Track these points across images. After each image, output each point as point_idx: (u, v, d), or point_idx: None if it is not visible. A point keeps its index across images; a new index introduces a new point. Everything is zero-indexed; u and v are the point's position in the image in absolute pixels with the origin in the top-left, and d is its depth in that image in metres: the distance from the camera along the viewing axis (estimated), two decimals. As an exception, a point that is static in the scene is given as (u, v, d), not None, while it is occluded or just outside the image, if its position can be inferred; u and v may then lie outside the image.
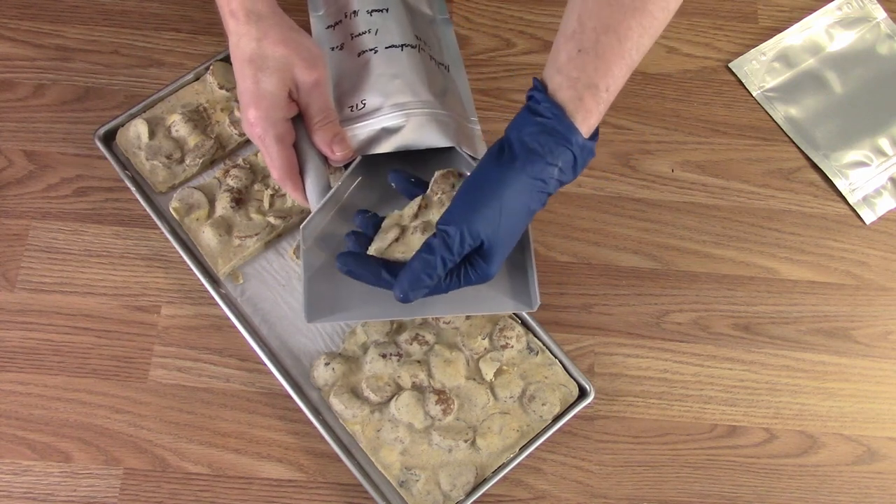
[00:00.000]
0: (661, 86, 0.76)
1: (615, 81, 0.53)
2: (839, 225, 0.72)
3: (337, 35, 0.69)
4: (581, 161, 0.54)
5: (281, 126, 0.59)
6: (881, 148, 0.75)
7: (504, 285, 0.61)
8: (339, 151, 0.60)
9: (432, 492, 0.60)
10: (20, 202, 0.69)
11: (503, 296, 0.60)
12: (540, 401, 0.62)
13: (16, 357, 0.65)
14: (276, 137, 0.59)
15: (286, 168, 0.60)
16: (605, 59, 0.52)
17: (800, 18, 0.79)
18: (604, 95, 0.53)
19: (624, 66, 0.53)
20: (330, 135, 0.60)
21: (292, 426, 0.64)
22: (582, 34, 0.53)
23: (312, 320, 0.59)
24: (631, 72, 0.54)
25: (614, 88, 0.53)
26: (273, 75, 0.58)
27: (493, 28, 0.77)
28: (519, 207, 0.53)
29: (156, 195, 0.68)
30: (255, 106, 0.58)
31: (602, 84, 0.53)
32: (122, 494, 0.62)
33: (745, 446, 0.65)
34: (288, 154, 0.60)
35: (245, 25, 0.58)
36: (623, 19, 0.52)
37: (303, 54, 0.59)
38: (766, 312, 0.69)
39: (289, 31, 0.60)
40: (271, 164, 0.60)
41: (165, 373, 0.65)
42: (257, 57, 0.58)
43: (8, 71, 0.73)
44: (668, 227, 0.72)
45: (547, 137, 0.52)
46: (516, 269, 0.61)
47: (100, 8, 0.76)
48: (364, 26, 0.68)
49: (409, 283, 0.54)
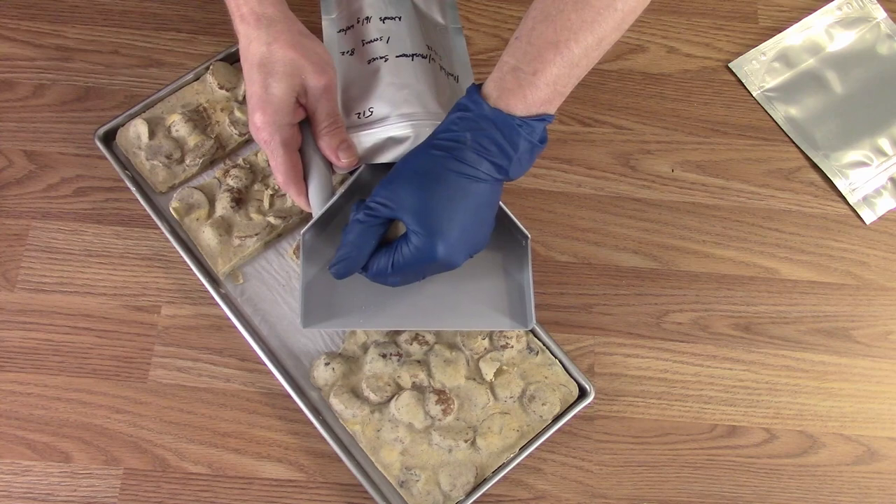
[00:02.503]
0: (661, 86, 0.76)
1: (545, 66, 0.53)
2: (839, 225, 0.72)
3: (348, 40, 0.69)
4: (506, 137, 0.53)
5: (287, 131, 0.59)
6: (881, 148, 0.75)
7: (501, 303, 0.62)
8: (345, 158, 0.60)
9: (432, 492, 0.60)
10: (20, 202, 0.69)
11: (499, 313, 0.62)
12: (540, 401, 0.63)
13: (16, 357, 0.65)
14: (281, 142, 0.59)
15: (291, 173, 0.60)
16: (535, 44, 0.53)
17: (800, 18, 0.79)
18: (529, 78, 0.53)
19: (557, 53, 0.53)
20: (336, 141, 0.60)
21: (292, 426, 0.64)
22: (522, 25, 0.54)
23: (308, 326, 0.60)
24: (574, 64, 0.54)
25: (545, 72, 0.53)
26: (282, 80, 0.58)
27: (493, 28, 0.77)
28: (450, 182, 0.53)
29: (156, 195, 0.68)
30: (262, 111, 0.58)
31: (528, 68, 0.53)
32: (122, 494, 0.62)
33: (745, 446, 0.65)
34: (293, 159, 0.60)
35: (255, 30, 0.58)
36: (563, 10, 0.53)
37: (312, 59, 0.59)
38: (766, 312, 0.69)
39: (299, 35, 0.59)
40: (276, 169, 0.60)
41: (165, 373, 0.65)
42: (267, 61, 0.58)
43: (8, 71, 0.73)
44: (668, 227, 0.72)
45: (460, 117, 0.54)
46: (514, 288, 0.62)
47: (100, 8, 0.76)
48: (376, 34, 0.67)
49: (338, 255, 0.57)
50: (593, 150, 0.74)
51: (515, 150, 0.54)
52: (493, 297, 0.62)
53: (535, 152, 0.55)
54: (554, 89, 0.54)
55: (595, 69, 0.60)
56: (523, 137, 0.54)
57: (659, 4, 0.79)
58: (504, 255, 0.63)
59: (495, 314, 0.62)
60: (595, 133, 0.74)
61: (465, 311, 0.62)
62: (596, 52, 0.54)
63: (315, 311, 0.60)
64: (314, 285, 0.61)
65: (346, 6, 0.70)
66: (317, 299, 0.61)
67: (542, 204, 0.71)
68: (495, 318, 0.62)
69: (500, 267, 0.63)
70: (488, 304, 0.62)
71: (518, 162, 0.54)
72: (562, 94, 0.55)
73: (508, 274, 0.63)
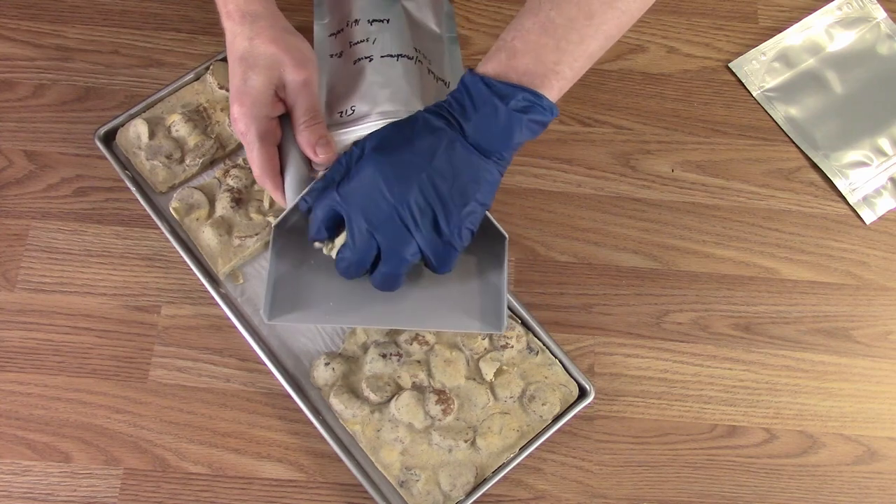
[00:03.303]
0: (661, 86, 0.76)
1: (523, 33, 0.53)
2: (839, 225, 0.72)
3: (337, 43, 0.69)
4: (470, 94, 0.53)
5: (264, 124, 0.59)
6: (881, 148, 0.75)
7: (474, 304, 0.60)
8: (323, 154, 0.60)
9: (432, 492, 0.60)
10: (20, 202, 0.69)
11: (471, 314, 0.60)
12: (540, 401, 0.63)
13: (16, 357, 0.65)
14: (258, 134, 0.59)
15: (266, 166, 0.60)
16: (518, 17, 0.53)
17: (800, 18, 0.79)
18: (508, 43, 0.53)
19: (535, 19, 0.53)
20: (315, 137, 0.60)
21: (292, 426, 0.64)
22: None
23: (273, 319, 0.58)
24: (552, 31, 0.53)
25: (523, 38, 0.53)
26: (261, 73, 0.58)
27: (493, 28, 0.77)
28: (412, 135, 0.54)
29: (156, 195, 0.68)
30: (240, 102, 0.58)
31: (507, 35, 0.54)
32: (122, 494, 0.62)
33: (745, 446, 0.65)
34: (269, 152, 0.60)
35: (240, 25, 0.59)
36: None
37: (293, 54, 0.59)
38: (766, 312, 0.69)
39: (281, 31, 0.60)
40: (252, 162, 0.60)
41: (165, 373, 0.65)
42: (248, 55, 0.59)
43: (8, 71, 0.73)
44: (668, 227, 0.72)
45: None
46: (489, 290, 0.60)
47: (100, 8, 0.76)
48: (363, 35, 0.68)
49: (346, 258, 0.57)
50: (593, 150, 0.74)
51: (476, 108, 0.53)
52: (466, 298, 0.60)
53: (508, 120, 0.53)
54: (536, 57, 0.52)
55: (595, 69, 0.60)
56: (486, 97, 0.52)
57: (659, 4, 0.79)
58: (481, 257, 0.62)
59: (467, 315, 0.60)
60: (595, 133, 0.74)
61: (437, 310, 0.60)
62: (588, 29, 0.53)
63: (281, 305, 0.59)
64: (283, 280, 0.60)
65: (337, 11, 0.71)
66: (284, 293, 0.60)
67: (542, 204, 0.71)
68: (467, 319, 0.60)
69: (476, 268, 0.61)
70: (461, 304, 0.60)
71: (479, 123, 0.53)
72: (554, 72, 0.53)
73: (484, 275, 0.61)
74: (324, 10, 0.72)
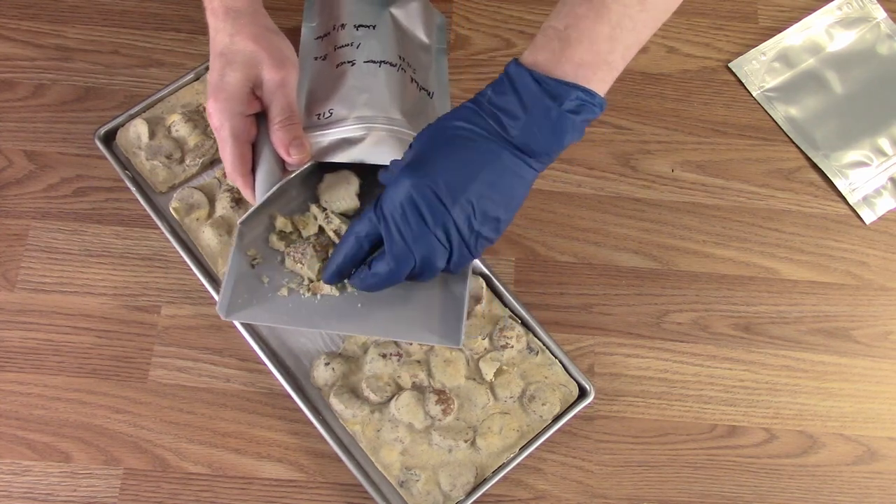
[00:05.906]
0: (661, 86, 0.76)
1: (578, 20, 0.51)
2: (839, 225, 0.72)
3: (323, 46, 0.69)
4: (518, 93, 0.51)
5: (238, 121, 0.59)
6: (881, 148, 0.75)
7: (433, 315, 0.59)
8: (296, 154, 0.60)
9: (432, 492, 0.60)
10: (20, 202, 0.69)
11: (429, 326, 0.58)
12: (540, 401, 0.63)
13: (16, 357, 0.65)
14: (231, 131, 0.58)
15: (237, 163, 0.59)
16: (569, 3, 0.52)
17: (800, 18, 0.79)
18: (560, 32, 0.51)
19: (591, 7, 0.51)
20: (289, 137, 0.59)
21: (292, 426, 0.64)
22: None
23: (229, 316, 0.58)
24: (616, 22, 0.51)
25: (578, 26, 0.51)
26: (238, 69, 0.58)
27: (493, 28, 0.77)
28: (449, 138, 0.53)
29: (156, 195, 0.68)
30: (215, 97, 0.58)
31: (559, 23, 0.51)
32: (122, 494, 0.62)
33: (745, 446, 0.65)
34: (241, 150, 0.59)
35: (222, 21, 0.59)
36: None
37: (272, 52, 0.59)
38: (766, 312, 0.69)
39: (263, 29, 0.60)
40: (224, 158, 0.60)
41: (165, 373, 0.65)
42: (227, 51, 0.59)
43: (8, 71, 0.73)
44: (668, 227, 0.72)
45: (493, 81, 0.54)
46: (450, 301, 0.59)
47: (100, 8, 0.76)
48: (348, 39, 0.68)
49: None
50: (593, 150, 0.74)
51: (525, 108, 0.51)
52: (428, 309, 0.59)
53: (560, 122, 0.50)
54: (590, 47, 0.50)
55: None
56: (537, 96, 0.50)
57: (659, 4, 0.79)
58: None
59: (426, 327, 0.58)
60: (595, 133, 0.74)
61: (398, 319, 0.58)
62: (641, 15, 0.51)
63: (239, 303, 0.58)
64: (244, 277, 0.60)
65: (326, 14, 0.71)
66: (244, 290, 0.59)
67: (542, 204, 0.71)
68: (426, 332, 0.58)
69: (441, 278, 0.59)
70: (421, 314, 0.59)
71: (528, 126, 0.51)
72: (607, 63, 0.51)
73: (448, 286, 0.60)
74: (313, 12, 0.72)
